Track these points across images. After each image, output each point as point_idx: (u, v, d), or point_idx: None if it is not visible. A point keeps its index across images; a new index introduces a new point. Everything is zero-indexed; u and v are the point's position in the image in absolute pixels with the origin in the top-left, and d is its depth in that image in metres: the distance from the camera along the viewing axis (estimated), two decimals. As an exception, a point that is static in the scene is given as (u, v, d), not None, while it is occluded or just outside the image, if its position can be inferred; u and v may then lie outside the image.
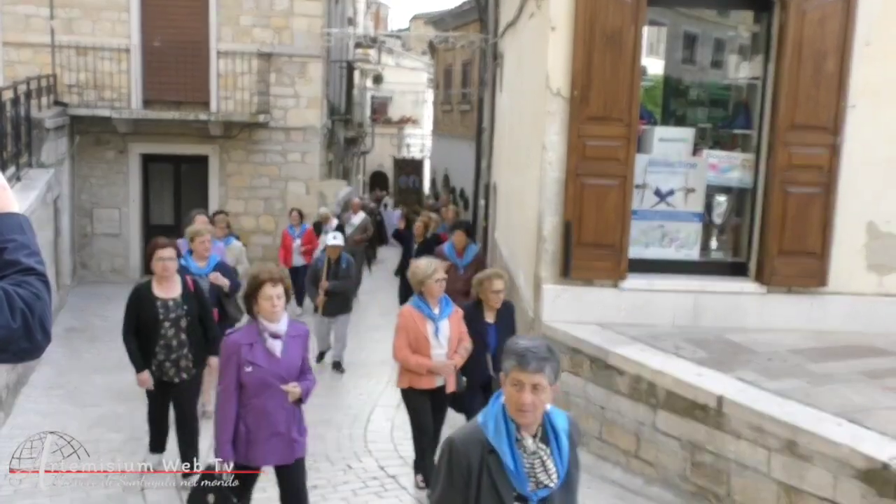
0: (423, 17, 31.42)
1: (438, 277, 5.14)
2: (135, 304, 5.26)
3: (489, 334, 5.54)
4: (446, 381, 5.25)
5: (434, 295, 5.17)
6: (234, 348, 4.04)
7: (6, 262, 1.65)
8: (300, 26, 13.57)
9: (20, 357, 1.65)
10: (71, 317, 11.13)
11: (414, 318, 5.16)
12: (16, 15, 13.01)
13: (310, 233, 11.77)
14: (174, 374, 5.28)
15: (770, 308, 6.36)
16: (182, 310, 5.26)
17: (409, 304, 5.26)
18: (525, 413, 2.40)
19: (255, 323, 4.11)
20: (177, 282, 5.34)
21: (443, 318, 5.22)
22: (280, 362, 4.08)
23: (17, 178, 9.56)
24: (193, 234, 6.68)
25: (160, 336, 5.20)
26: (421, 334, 5.13)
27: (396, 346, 5.22)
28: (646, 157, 6.42)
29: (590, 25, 6.00)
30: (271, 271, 4.07)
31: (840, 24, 6.00)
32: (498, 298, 5.52)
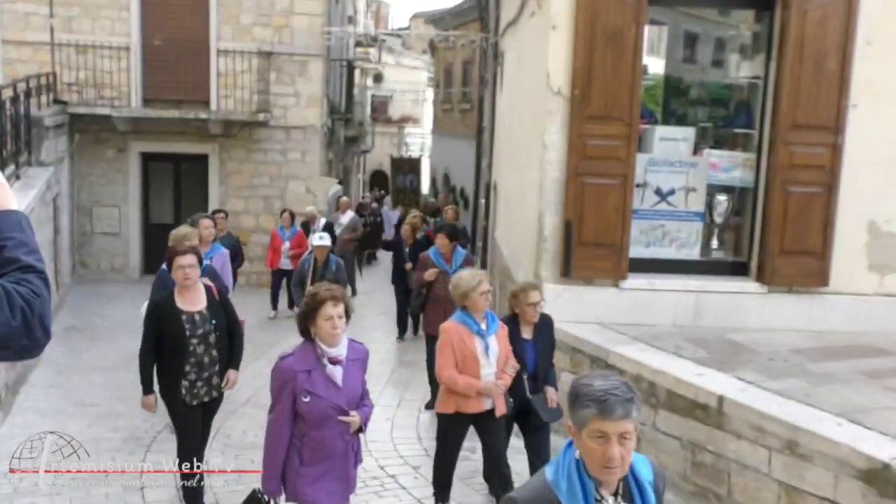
0: (423, 15, 31.41)
1: (483, 290, 4.66)
2: (156, 319, 4.73)
3: (526, 352, 4.99)
4: (495, 404, 4.72)
5: (480, 309, 4.67)
6: (290, 375, 3.59)
7: (5, 259, 1.64)
8: (300, 25, 13.56)
9: (20, 355, 1.64)
10: (70, 316, 11.12)
11: (460, 334, 4.63)
12: (15, 13, 13.00)
13: (300, 236, 11.40)
14: (206, 393, 4.82)
15: (771, 308, 6.36)
16: (210, 324, 4.75)
17: (454, 319, 4.73)
18: (612, 470, 2.02)
19: (310, 345, 3.64)
20: (200, 292, 4.82)
21: (491, 333, 4.69)
22: (341, 391, 3.65)
23: (17, 177, 9.55)
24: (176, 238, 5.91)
25: (189, 354, 4.68)
26: (469, 352, 4.60)
27: (441, 365, 4.66)
28: (646, 157, 6.41)
29: (591, 24, 5.99)
30: (332, 289, 3.60)
31: (841, 24, 6.00)
32: (535, 312, 4.97)
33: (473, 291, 4.65)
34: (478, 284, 4.67)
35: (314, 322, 3.59)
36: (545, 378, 5.06)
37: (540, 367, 5.03)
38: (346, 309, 3.64)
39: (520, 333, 4.99)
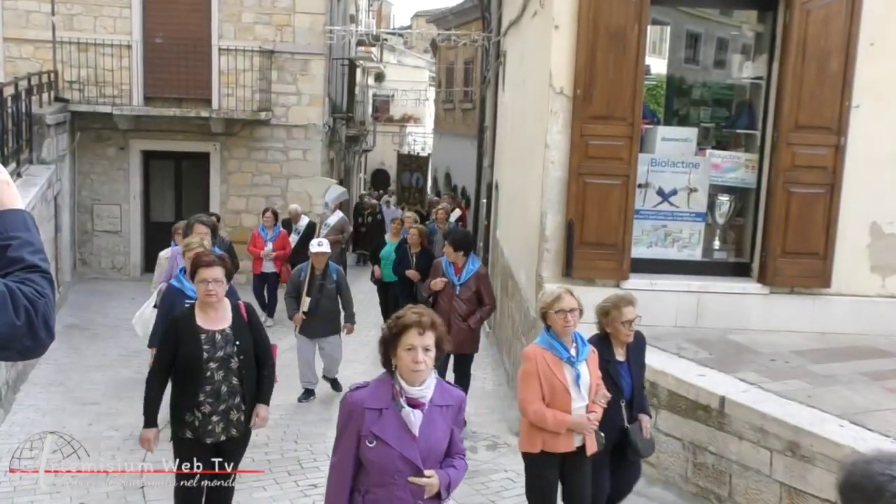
0: (425, 14, 31.42)
1: (561, 307, 3.97)
2: (171, 337, 4.11)
3: (622, 376, 4.39)
4: (585, 441, 4.07)
5: (561, 331, 3.99)
6: (357, 411, 2.93)
7: (10, 259, 1.63)
8: (302, 24, 13.55)
9: (24, 355, 1.64)
10: (71, 314, 11.12)
11: (547, 361, 3.98)
12: (17, 11, 12.99)
13: (283, 237, 10.84)
14: (222, 430, 4.07)
15: (773, 309, 6.35)
16: (233, 346, 4.06)
17: (538, 342, 4.10)
18: None
19: (389, 379, 2.99)
20: (226, 309, 4.19)
21: (581, 360, 4.04)
22: (416, 441, 2.92)
23: (18, 175, 9.55)
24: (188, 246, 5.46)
25: (205, 380, 4.01)
26: (558, 383, 3.97)
27: (526, 398, 4.01)
28: (649, 157, 6.40)
29: (593, 24, 5.98)
30: (420, 313, 2.94)
31: (844, 24, 5.99)
32: (630, 331, 4.35)
33: (550, 308, 4.01)
34: (555, 301, 4.00)
35: (394, 351, 2.95)
36: (640, 405, 4.49)
37: (636, 393, 4.46)
38: (438, 339, 2.96)
39: (613, 355, 4.37)
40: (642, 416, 4.44)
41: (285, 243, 10.84)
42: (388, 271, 9.99)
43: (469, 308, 6.65)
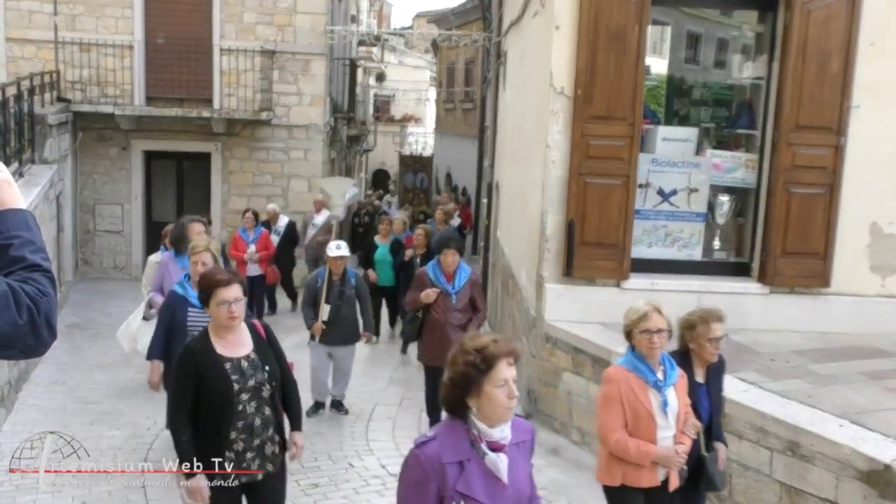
0: (426, 15, 31.43)
1: (649, 327, 3.55)
2: (190, 371, 3.57)
3: (700, 400, 3.93)
4: (668, 475, 3.69)
5: (647, 352, 3.58)
6: (436, 468, 2.40)
7: (12, 258, 1.64)
8: (303, 24, 13.56)
9: (26, 354, 1.65)
10: (73, 313, 11.14)
11: (631, 385, 3.59)
12: (19, 11, 13.01)
13: (265, 237, 10.47)
14: (258, 465, 3.64)
15: (773, 308, 6.35)
16: (263, 373, 3.62)
17: (622, 363, 3.72)
18: None
19: (459, 425, 2.48)
20: (244, 331, 3.72)
21: (669, 384, 3.63)
22: (506, 491, 2.48)
23: (20, 175, 9.57)
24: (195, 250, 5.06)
25: (236, 415, 3.54)
26: (643, 410, 3.57)
27: (607, 426, 3.61)
28: (649, 157, 6.41)
29: (594, 24, 5.99)
30: (504, 340, 2.50)
31: (844, 24, 5.99)
32: (716, 349, 3.88)
33: (635, 328, 3.64)
34: (640, 319, 3.61)
35: (478, 390, 2.41)
36: (717, 432, 4.08)
37: (714, 419, 4.04)
38: None
39: (693, 376, 3.92)
40: (718, 445, 4.02)
41: (268, 243, 10.54)
42: (384, 275, 9.80)
43: (465, 317, 6.22)
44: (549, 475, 5.76)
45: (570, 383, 6.16)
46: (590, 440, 5.97)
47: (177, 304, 5.00)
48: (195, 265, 4.88)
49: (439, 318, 6.14)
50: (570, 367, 6.15)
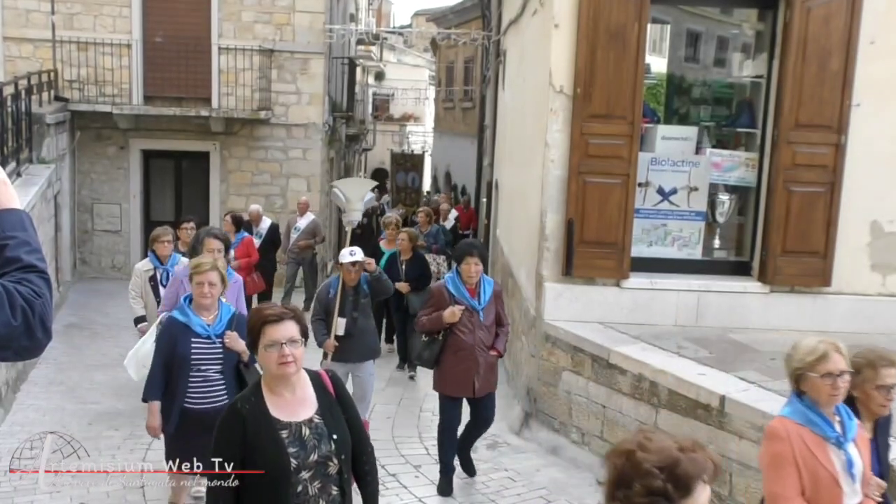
0: (425, 13, 31.40)
1: (830, 369, 2.91)
2: (235, 439, 2.71)
3: (872, 456, 3.32)
4: None
5: (825, 399, 2.95)
6: None
7: (7, 259, 1.63)
8: (302, 22, 13.54)
9: (20, 355, 1.63)
10: (71, 313, 11.12)
11: (805, 441, 2.93)
12: (17, 10, 12.98)
13: (248, 243, 9.44)
14: None
15: (773, 307, 6.34)
16: (329, 442, 2.75)
17: (789, 416, 3.02)
18: None
19: None
20: (305, 385, 2.82)
21: (849, 439, 3.00)
22: None
23: (18, 174, 9.54)
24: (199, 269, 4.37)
25: (294, 497, 2.70)
26: (824, 471, 2.92)
27: (781, 494, 2.93)
28: (649, 156, 6.40)
29: (593, 23, 5.97)
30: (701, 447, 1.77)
31: (845, 22, 5.98)
32: (889, 400, 3.24)
33: (811, 371, 2.95)
34: (819, 360, 2.94)
35: None
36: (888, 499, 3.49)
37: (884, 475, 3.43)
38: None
39: None
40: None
41: (250, 250, 9.33)
42: None
43: (492, 334, 5.42)
44: (549, 475, 5.75)
45: (570, 382, 6.14)
46: (589, 439, 5.96)
47: (178, 333, 4.28)
48: (200, 286, 4.31)
49: (467, 339, 5.27)
50: (570, 366, 6.14)
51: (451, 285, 5.37)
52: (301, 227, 11.33)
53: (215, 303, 4.39)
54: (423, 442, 6.41)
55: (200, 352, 4.28)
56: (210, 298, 4.34)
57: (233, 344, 4.30)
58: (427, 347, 5.41)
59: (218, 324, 4.35)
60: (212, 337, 4.32)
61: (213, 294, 4.34)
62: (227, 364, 4.33)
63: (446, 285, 5.40)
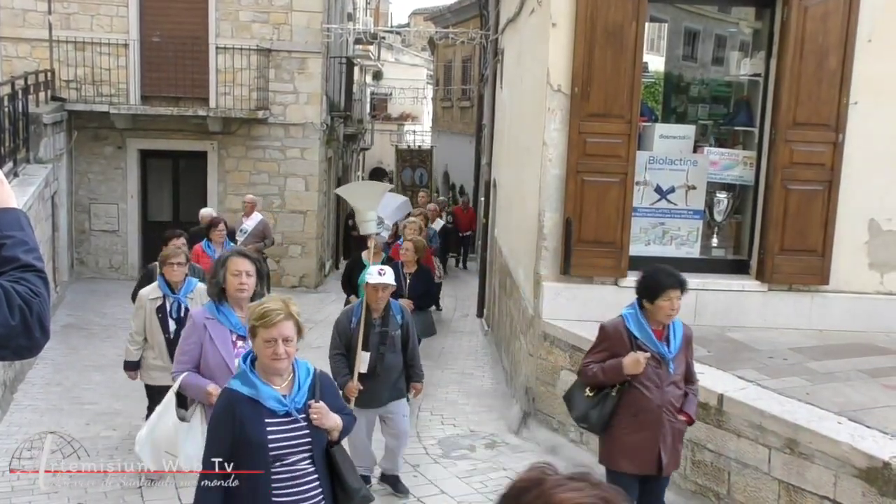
0: (422, 12, 31.40)
1: None
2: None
3: None
4: None
5: None
6: None
7: (4, 258, 1.63)
8: (299, 22, 13.53)
9: (18, 354, 1.63)
10: (68, 313, 11.10)
11: None
12: (13, 10, 12.97)
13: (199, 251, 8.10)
14: None
15: (771, 306, 6.35)
16: None
17: None
18: None
19: None
20: None
21: None
22: None
23: (15, 174, 9.52)
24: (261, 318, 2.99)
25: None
26: None
27: None
28: (646, 154, 6.40)
29: (591, 22, 5.97)
30: None
31: (842, 21, 5.98)
32: None
33: None
34: None
35: None
36: None
37: None
38: None
39: None
40: None
41: None
42: None
43: (681, 392, 4.16)
44: (548, 474, 5.74)
45: (568, 382, 6.13)
46: (588, 439, 5.96)
47: (242, 412, 2.95)
48: (271, 346, 2.94)
49: (651, 396, 4.03)
50: (568, 365, 6.14)
51: (632, 323, 4.11)
52: (248, 230, 9.98)
53: (291, 363, 3.08)
54: (422, 441, 6.41)
55: (280, 436, 2.98)
56: (286, 360, 3.00)
57: (322, 420, 3.04)
58: (596, 406, 4.13)
59: (297, 393, 3.05)
60: (293, 413, 3.01)
61: (290, 353, 3.00)
62: (316, 448, 3.05)
63: (626, 323, 4.13)
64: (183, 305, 5.46)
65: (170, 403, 3.94)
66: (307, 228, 14.09)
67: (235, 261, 3.90)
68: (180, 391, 3.88)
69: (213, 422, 3.06)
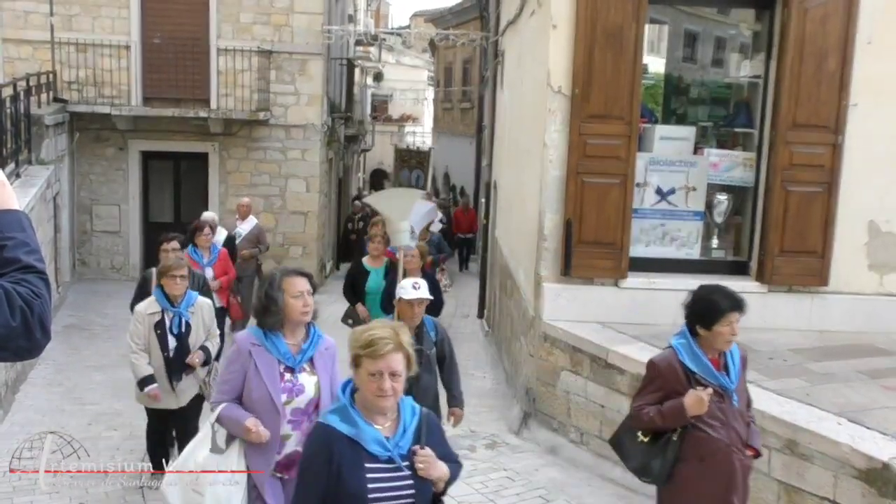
0: (423, 14, 31.41)
1: None
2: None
3: None
4: None
5: None
6: None
7: (6, 259, 1.63)
8: (300, 23, 13.55)
9: (19, 355, 1.64)
10: (70, 314, 11.12)
11: None
12: (15, 11, 12.99)
13: (224, 258, 7.88)
14: None
15: (771, 307, 6.35)
16: None
17: None
18: None
19: None
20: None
21: None
22: None
23: (17, 175, 9.54)
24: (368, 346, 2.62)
25: None
26: None
27: None
28: (647, 156, 6.41)
29: (591, 23, 5.98)
30: None
31: (842, 22, 5.99)
32: None
33: None
34: None
35: None
36: None
37: None
38: None
39: None
40: None
41: (228, 267, 7.86)
42: (378, 311, 6.45)
43: (745, 424, 3.64)
44: (548, 474, 5.76)
45: (569, 382, 6.15)
46: (588, 439, 5.97)
47: (341, 455, 2.54)
48: (375, 379, 2.52)
49: (718, 436, 3.48)
50: (569, 366, 6.15)
51: (686, 356, 3.55)
52: (242, 234, 9.38)
53: (397, 402, 2.65)
54: (422, 442, 6.40)
55: (381, 485, 2.54)
56: (392, 397, 2.57)
57: (429, 470, 2.61)
58: (657, 455, 3.56)
59: (401, 436, 2.62)
60: (396, 460, 2.57)
61: (398, 390, 2.57)
62: (419, 501, 2.62)
63: (678, 356, 3.57)
64: (184, 320, 5.10)
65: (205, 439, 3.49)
66: (308, 229, 14.10)
67: (294, 281, 3.44)
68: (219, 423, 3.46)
69: (306, 463, 2.61)
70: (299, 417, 3.39)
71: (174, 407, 5.24)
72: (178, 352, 5.08)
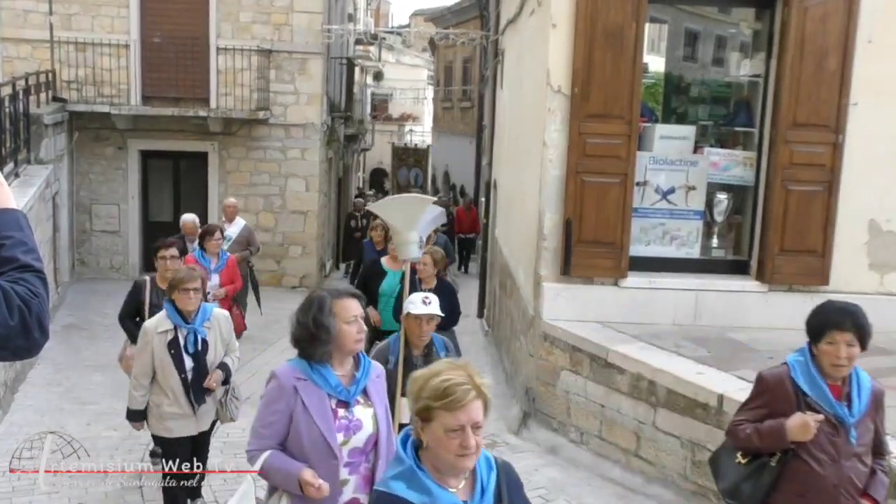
0: (423, 13, 31.39)
1: None
2: None
3: None
4: None
5: None
6: None
7: (3, 258, 1.63)
8: (300, 23, 13.54)
9: (17, 355, 1.63)
10: (69, 314, 11.11)
11: None
12: (14, 10, 12.98)
13: (232, 266, 7.55)
14: None
15: (771, 306, 6.35)
16: None
17: None
18: None
19: None
20: None
21: None
22: None
23: (16, 175, 9.54)
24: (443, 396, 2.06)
25: None
26: None
27: None
28: (647, 155, 6.40)
29: (591, 22, 5.98)
30: None
31: (842, 21, 5.99)
32: None
33: None
34: None
35: None
36: None
37: None
38: None
39: None
40: None
41: (235, 276, 7.49)
42: (389, 315, 6.11)
43: (866, 468, 3.21)
44: (547, 474, 5.76)
45: (568, 382, 6.15)
46: (588, 439, 5.97)
47: None
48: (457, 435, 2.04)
49: (826, 473, 3.12)
50: (569, 365, 6.14)
51: (800, 375, 3.24)
52: (232, 237, 8.83)
53: None
54: (422, 441, 6.40)
55: None
56: (475, 455, 2.10)
57: None
58: (751, 477, 3.26)
59: (481, 499, 2.14)
60: None
61: (480, 445, 2.09)
62: None
63: (791, 373, 3.26)
64: (200, 337, 4.57)
65: (245, 497, 3.07)
66: (308, 229, 14.10)
67: (347, 304, 2.93)
68: (262, 477, 2.96)
69: None
70: (357, 458, 2.91)
71: (194, 433, 4.64)
72: (197, 372, 4.53)
